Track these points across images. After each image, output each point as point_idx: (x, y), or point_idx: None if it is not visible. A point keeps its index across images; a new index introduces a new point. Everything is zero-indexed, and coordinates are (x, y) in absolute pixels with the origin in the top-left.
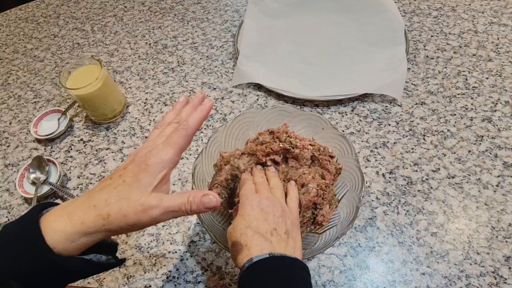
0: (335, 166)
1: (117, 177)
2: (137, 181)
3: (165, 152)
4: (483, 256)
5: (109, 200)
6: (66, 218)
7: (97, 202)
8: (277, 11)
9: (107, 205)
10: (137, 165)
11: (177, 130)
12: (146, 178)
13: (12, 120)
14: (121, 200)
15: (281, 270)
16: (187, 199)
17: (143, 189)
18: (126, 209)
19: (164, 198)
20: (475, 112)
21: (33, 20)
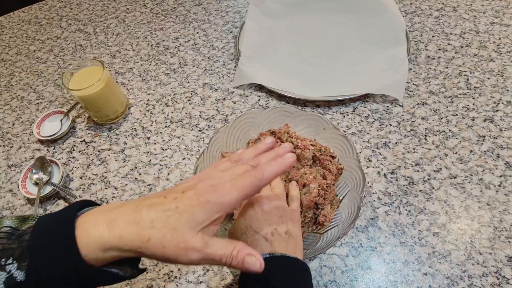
0: (336, 166)
1: (171, 199)
2: (190, 213)
3: (230, 195)
4: (486, 256)
5: (155, 222)
6: (106, 226)
7: (143, 220)
8: (278, 12)
9: (151, 227)
10: (196, 195)
11: (250, 176)
12: (200, 215)
13: (15, 121)
14: (167, 228)
15: (282, 270)
16: (231, 253)
17: (193, 225)
18: (168, 240)
19: (209, 243)
20: (477, 112)
21: (36, 22)
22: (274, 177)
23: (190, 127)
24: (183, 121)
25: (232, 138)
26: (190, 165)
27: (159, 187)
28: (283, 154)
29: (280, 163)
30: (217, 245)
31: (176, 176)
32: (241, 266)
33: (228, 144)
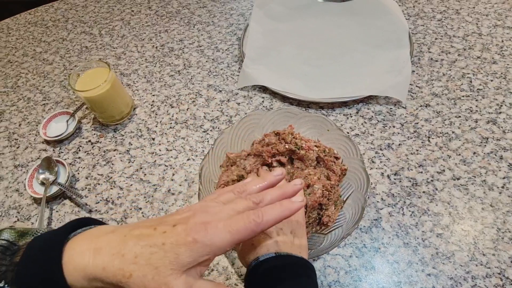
0: (340, 167)
1: (160, 233)
2: (175, 253)
3: (221, 237)
4: (489, 258)
5: (138, 258)
6: (91, 254)
7: (127, 252)
8: (282, 14)
9: (134, 263)
10: (186, 232)
11: (248, 219)
12: (185, 256)
13: (21, 122)
14: (149, 266)
15: (288, 269)
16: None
17: (176, 266)
18: (149, 280)
19: (193, 287)
20: (480, 114)
21: (42, 24)
22: (274, 223)
23: (194, 128)
24: (187, 122)
25: (236, 139)
26: (195, 165)
27: (164, 187)
28: (291, 194)
29: (285, 207)
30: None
31: (180, 176)
32: None
33: (232, 145)
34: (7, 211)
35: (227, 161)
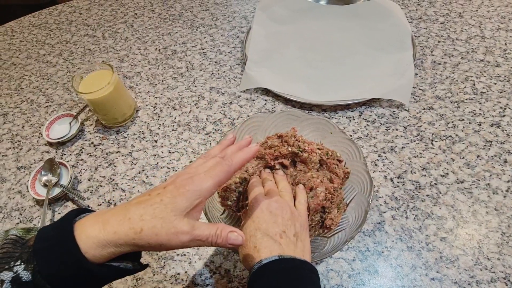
0: (343, 170)
1: (155, 195)
2: (173, 203)
3: (205, 182)
4: (494, 262)
5: (144, 216)
6: (101, 225)
7: (133, 215)
8: (285, 17)
9: (141, 220)
10: (176, 187)
11: (221, 165)
12: (183, 202)
13: (24, 124)
14: (156, 218)
15: (291, 272)
16: (215, 232)
17: (178, 212)
18: (159, 228)
19: (195, 225)
20: (484, 117)
21: (46, 26)
22: (242, 164)
23: (197, 130)
24: (190, 124)
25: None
26: None
27: None
28: (245, 145)
29: (246, 151)
30: (203, 227)
31: None
32: (225, 242)
33: None
34: (10, 212)
35: None
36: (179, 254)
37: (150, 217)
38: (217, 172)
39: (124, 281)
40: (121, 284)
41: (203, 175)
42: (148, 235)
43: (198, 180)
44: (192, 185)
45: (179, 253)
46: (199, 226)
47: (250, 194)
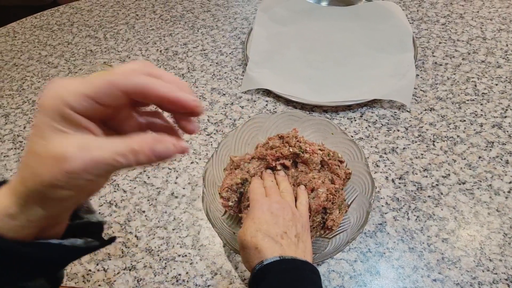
0: (344, 171)
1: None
2: (36, 126)
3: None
4: (496, 263)
5: (26, 160)
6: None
7: (21, 166)
8: (286, 18)
9: (25, 168)
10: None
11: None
12: (42, 118)
13: (26, 125)
14: (28, 155)
15: (292, 272)
16: (129, 147)
17: (45, 133)
18: (36, 167)
19: (86, 143)
20: (485, 118)
21: (47, 28)
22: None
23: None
24: None
25: (240, 142)
26: (199, 169)
27: (168, 190)
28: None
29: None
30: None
31: (184, 179)
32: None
33: (236, 148)
34: None
35: (231, 164)
36: (180, 255)
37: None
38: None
39: (125, 282)
40: (122, 285)
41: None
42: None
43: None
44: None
45: (180, 254)
46: (94, 144)
47: (251, 194)
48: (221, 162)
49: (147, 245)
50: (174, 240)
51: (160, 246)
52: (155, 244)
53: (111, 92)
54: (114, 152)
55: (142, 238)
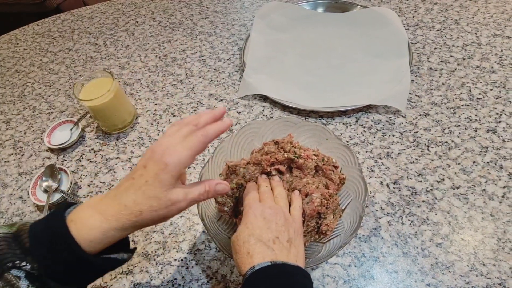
0: (339, 176)
1: (138, 177)
2: (159, 181)
3: (183, 154)
4: (490, 268)
5: (137, 200)
6: (101, 216)
7: (127, 202)
8: (283, 25)
9: (136, 204)
10: (156, 164)
11: (196, 136)
12: (166, 177)
13: (26, 130)
14: (150, 199)
15: (283, 277)
16: (204, 189)
17: (166, 187)
18: (156, 206)
19: (186, 191)
20: (480, 123)
21: (49, 35)
22: (217, 135)
23: None
24: None
25: (236, 147)
26: (195, 173)
27: None
28: (219, 114)
29: (221, 124)
30: (193, 190)
31: None
32: (215, 194)
33: (232, 153)
34: (11, 218)
35: (226, 170)
36: (177, 259)
37: (143, 199)
38: (193, 143)
39: (122, 287)
40: None
41: (180, 148)
42: (149, 214)
43: (175, 153)
44: (171, 158)
45: (177, 259)
46: (190, 191)
47: (245, 200)
48: (217, 167)
49: (144, 249)
50: (170, 244)
51: (156, 251)
52: (151, 248)
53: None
54: (198, 193)
55: (139, 243)
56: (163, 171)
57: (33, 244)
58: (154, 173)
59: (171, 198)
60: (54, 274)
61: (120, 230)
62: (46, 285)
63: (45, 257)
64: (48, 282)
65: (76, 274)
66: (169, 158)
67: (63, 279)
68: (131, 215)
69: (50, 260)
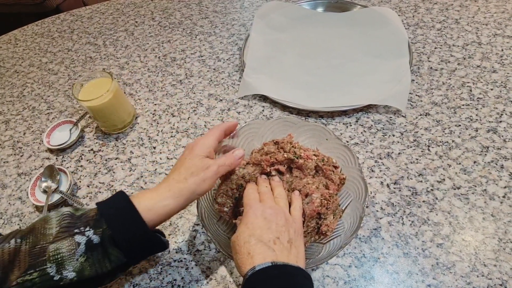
0: (339, 176)
1: (179, 161)
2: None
3: (207, 138)
4: (490, 268)
5: (181, 171)
6: (156, 191)
7: (174, 176)
8: (283, 25)
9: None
10: (189, 147)
11: (217, 127)
12: (199, 150)
13: (26, 131)
14: (189, 167)
15: (284, 278)
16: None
17: (199, 157)
18: (195, 171)
19: (215, 159)
20: (480, 123)
21: (48, 35)
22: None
23: (195, 136)
24: (188, 131)
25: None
26: None
27: None
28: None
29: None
30: (220, 158)
31: None
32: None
33: None
34: (10, 218)
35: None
36: (176, 260)
37: (185, 169)
38: (213, 131)
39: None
40: None
41: (204, 136)
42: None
43: (201, 139)
44: (198, 141)
45: (176, 259)
46: (217, 159)
47: (245, 200)
48: None
49: None
50: (170, 245)
51: None
52: None
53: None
54: (224, 158)
55: None
56: (195, 145)
57: (104, 211)
58: (189, 151)
59: (204, 162)
60: (120, 244)
61: (173, 198)
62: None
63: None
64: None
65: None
66: (198, 142)
67: (126, 248)
68: (179, 183)
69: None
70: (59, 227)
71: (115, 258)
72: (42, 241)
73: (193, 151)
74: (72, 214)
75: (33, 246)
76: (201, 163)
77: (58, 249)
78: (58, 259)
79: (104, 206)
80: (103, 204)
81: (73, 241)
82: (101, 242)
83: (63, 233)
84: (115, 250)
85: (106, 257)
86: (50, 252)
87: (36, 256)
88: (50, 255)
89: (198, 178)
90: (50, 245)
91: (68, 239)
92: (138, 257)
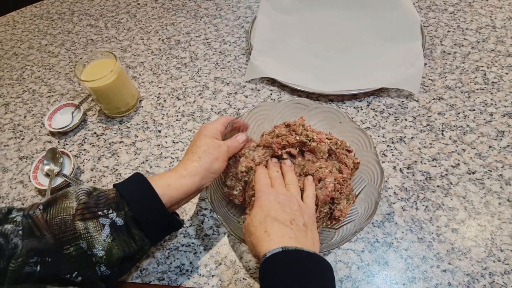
0: (353, 161)
1: (191, 142)
2: (204, 135)
3: (215, 123)
4: (507, 254)
5: (194, 151)
6: (173, 171)
7: (188, 156)
8: (290, 7)
9: (195, 153)
10: (199, 131)
11: (223, 116)
12: (208, 131)
13: (26, 114)
14: (202, 146)
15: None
16: (232, 140)
17: (210, 137)
18: (207, 149)
19: (225, 142)
20: (495, 108)
21: (48, 17)
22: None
23: (201, 120)
24: (194, 114)
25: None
26: None
27: None
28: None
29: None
30: (227, 141)
31: None
32: (238, 143)
33: None
34: (11, 202)
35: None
36: (184, 245)
37: (198, 148)
38: (222, 119)
39: (128, 272)
40: (125, 275)
41: (211, 122)
42: (206, 158)
43: (211, 123)
44: (207, 125)
45: (184, 244)
46: (226, 140)
47: (256, 185)
48: None
49: None
50: None
51: None
52: None
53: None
54: (231, 140)
55: None
56: (204, 129)
57: (125, 193)
58: (198, 135)
59: (215, 142)
60: (141, 224)
61: (189, 176)
62: (129, 233)
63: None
64: (134, 231)
65: (156, 226)
66: (205, 126)
67: (146, 229)
68: (194, 161)
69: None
70: (77, 203)
71: (140, 238)
72: (63, 213)
73: (202, 133)
74: (89, 191)
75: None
76: (212, 142)
77: (87, 228)
78: (88, 238)
79: (123, 188)
80: (122, 186)
81: (98, 223)
82: (125, 224)
83: (83, 210)
84: (138, 231)
85: (131, 238)
86: (81, 230)
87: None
88: (82, 233)
89: (211, 156)
90: (77, 222)
91: (93, 220)
92: (158, 237)
